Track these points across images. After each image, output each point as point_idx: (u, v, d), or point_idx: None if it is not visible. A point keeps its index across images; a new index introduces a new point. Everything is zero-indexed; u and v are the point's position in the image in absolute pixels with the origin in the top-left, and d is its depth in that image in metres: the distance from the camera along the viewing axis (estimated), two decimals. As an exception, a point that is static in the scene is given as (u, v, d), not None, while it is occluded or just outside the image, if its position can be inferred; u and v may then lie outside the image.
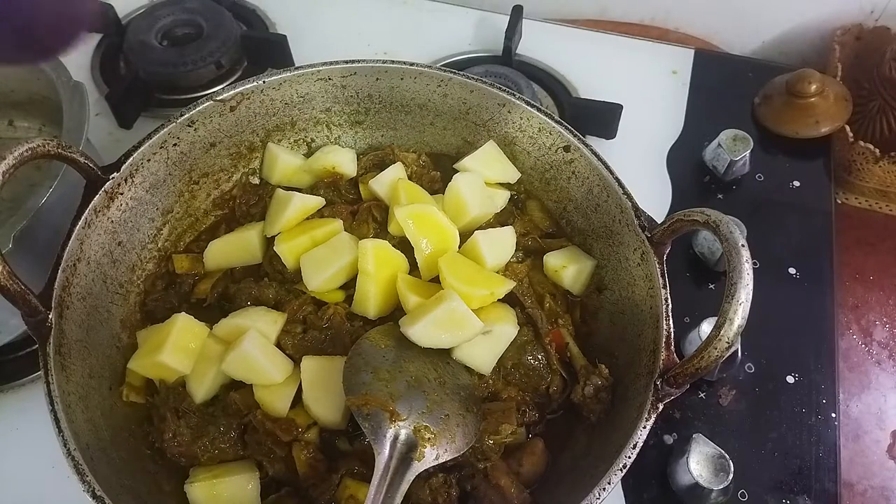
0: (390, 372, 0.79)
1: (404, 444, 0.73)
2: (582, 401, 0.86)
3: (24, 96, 1.11)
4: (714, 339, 0.65)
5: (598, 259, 0.97)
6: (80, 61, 1.32)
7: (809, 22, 1.35)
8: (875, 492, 0.94)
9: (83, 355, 0.81)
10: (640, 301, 0.86)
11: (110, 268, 0.89)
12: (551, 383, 0.88)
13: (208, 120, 0.97)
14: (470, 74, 1.01)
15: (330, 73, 1.01)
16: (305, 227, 0.95)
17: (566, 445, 0.86)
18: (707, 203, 1.13)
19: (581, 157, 0.94)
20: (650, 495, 0.88)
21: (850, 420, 0.99)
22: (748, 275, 0.65)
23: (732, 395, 0.95)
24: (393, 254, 0.90)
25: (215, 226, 1.03)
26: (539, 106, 0.97)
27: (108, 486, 0.69)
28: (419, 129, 1.08)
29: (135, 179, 0.90)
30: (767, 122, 1.23)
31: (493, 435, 0.82)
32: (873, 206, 1.21)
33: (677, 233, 0.80)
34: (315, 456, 0.81)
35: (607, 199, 0.91)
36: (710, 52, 1.39)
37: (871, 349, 1.06)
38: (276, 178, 1.04)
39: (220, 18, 1.31)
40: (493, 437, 0.82)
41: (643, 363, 0.80)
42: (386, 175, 0.99)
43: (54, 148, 0.75)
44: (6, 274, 0.69)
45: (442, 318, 0.81)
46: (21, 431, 0.94)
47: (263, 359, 0.83)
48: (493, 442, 0.82)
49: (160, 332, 0.86)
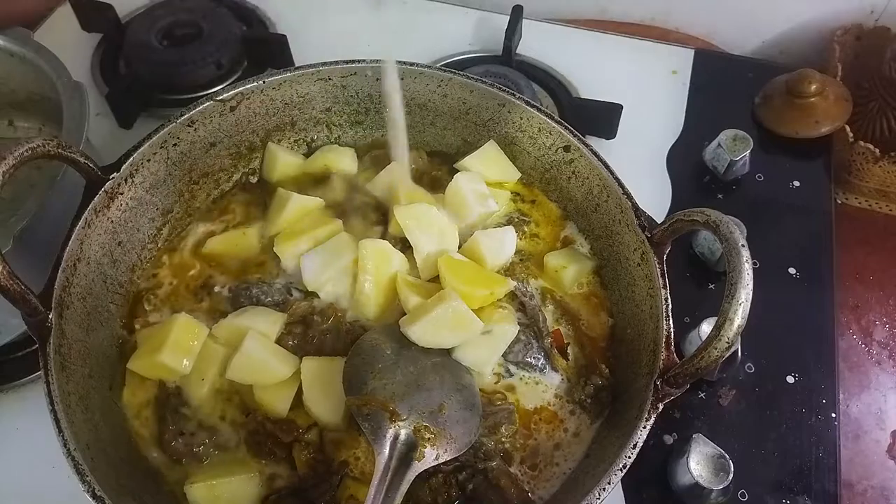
0: (390, 372, 0.79)
1: (404, 444, 0.73)
2: (582, 401, 0.86)
3: (24, 96, 1.11)
4: (714, 339, 0.65)
5: (598, 259, 0.97)
6: (80, 61, 1.33)
7: (809, 22, 1.35)
8: (875, 492, 0.94)
9: (83, 355, 0.80)
10: (640, 301, 0.86)
11: (110, 268, 0.89)
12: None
13: (208, 120, 0.97)
14: (470, 74, 1.01)
15: (330, 73, 1.01)
16: (305, 227, 0.95)
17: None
18: (707, 203, 1.13)
19: (581, 157, 0.94)
20: (650, 495, 0.88)
21: (850, 420, 0.99)
22: (748, 275, 0.65)
23: (732, 395, 0.95)
24: (393, 254, 0.90)
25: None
26: (539, 106, 0.97)
27: (108, 486, 0.69)
28: (419, 129, 1.08)
29: (135, 179, 0.90)
30: (767, 122, 1.23)
31: (493, 435, 0.82)
32: (873, 206, 1.21)
33: (677, 233, 0.80)
34: (315, 456, 0.81)
35: (607, 199, 0.91)
36: (710, 52, 1.39)
37: (871, 349, 1.06)
38: (276, 178, 1.04)
39: (220, 18, 1.31)
40: (494, 438, 0.82)
41: (643, 363, 0.80)
42: (383, 176, 0.99)
43: (54, 148, 0.75)
44: (6, 274, 0.69)
45: (442, 318, 0.81)
46: (21, 431, 0.94)
47: (268, 357, 0.83)
48: (494, 442, 0.82)
49: (160, 332, 0.86)
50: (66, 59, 0.98)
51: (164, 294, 0.95)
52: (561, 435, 0.85)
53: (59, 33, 1.38)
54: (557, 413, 0.87)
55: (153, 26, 1.30)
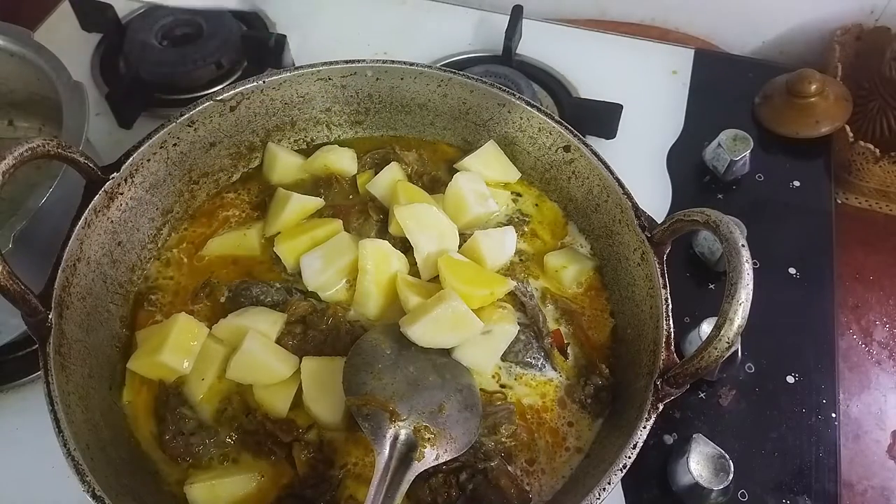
0: (390, 372, 0.79)
1: (404, 444, 0.73)
2: (582, 401, 0.86)
3: (24, 96, 1.11)
4: (714, 339, 0.65)
5: (598, 259, 0.97)
6: (80, 61, 1.33)
7: (809, 22, 1.35)
8: (875, 492, 0.94)
9: (83, 355, 0.80)
10: (640, 301, 0.86)
11: (110, 268, 0.89)
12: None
13: (208, 120, 0.97)
14: (470, 74, 1.01)
15: (330, 73, 1.01)
16: (305, 227, 0.96)
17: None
18: (707, 203, 1.13)
19: (581, 157, 0.94)
20: (650, 495, 0.88)
21: (850, 420, 0.99)
22: (748, 275, 0.65)
23: (732, 395, 0.95)
24: (393, 254, 0.90)
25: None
26: (539, 106, 0.97)
27: (108, 486, 0.69)
28: (419, 129, 1.08)
29: (135, 179, 0.90)
30: (767, 122, 1.23)
31: (493, 435, 0.82)
32: (873, 206, 1.21)
33: (677, 233, 0.80)
34: (315, 456, 0.81)
35: (607, 199, 0.91)
36: (710, 52, 1.39)
37: (871, 349, 1.06)
38: (276, 178, 1.04)
39: (220, 18, 1.31)
40: (494, 438, 0.82)
41: (643, 363, 0.80)
42: (383, 176, 0.99)
43: (54, 148, 0.75)
44: (6, 274, 0.69)
45: (442, 318, 0.81)
46: (21, 431, 0.94)
47: (268, 357, 0.84)
48: (494, 442, 0.82)
49: (160, 332, 0.86)
50: (66, 59, 0.98)
51: (164, 294, 0.95)
52: (561, 435, 0.85)
53: (59, 33, 1.38)
54: (557, 413, 0.87)
55: (153, 26, 1.30)
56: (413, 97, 1.04)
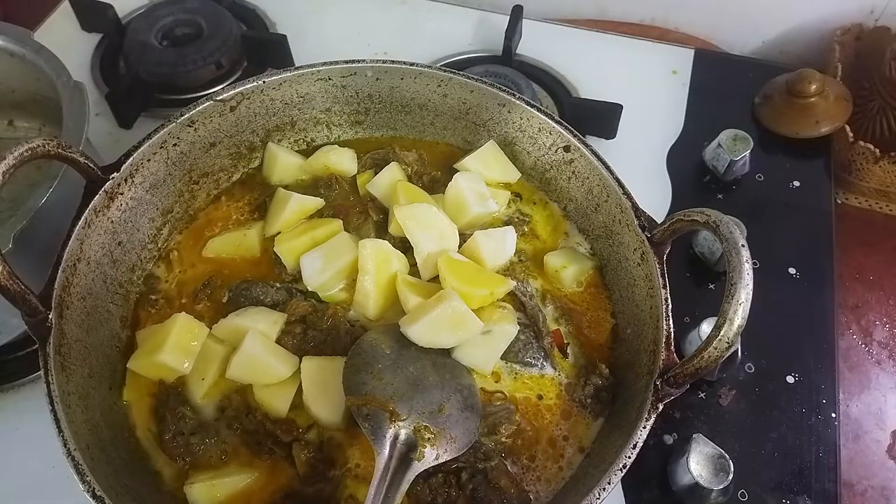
0: (390, 372, 0.79)
1: (404, 444, 0.73)
2: (582, 400, 0.86)
3: (24, 96, 1.11)
4: (714, 339, 0.65)
5: (598, 259, 0.97)
6: (80, 61, 1.33)
7: (809, 22, 1.35)
8: (875, 492, 0.94)
9: (83, 355, 0.81)
10: (640, 301, 0.86)
11: (110, 268, 0.89)
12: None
13: (208, 120, 0.97)
14: (470, 74, 1.01)
15: (330, 73, 1.01)
16: (305, 227, 0.96)
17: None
18: (707, 203, 1.13)
19: (581, 157, 0.94)
20: (650, 495, 0.88)
21: (850, 420, 0.99)
22: (748, 275, 0.65)
23: (732, 395, 0.95)
24: (393, 254, 0.90)
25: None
26: (539, 106, 0.97)
27: (108, 486, 0.69)
28: (419, 129, 1.08)
29: (135, 179, 0.90)
30: (767, 122, 1.23)
31: (493, 435, 0.82)
32: (873, 206, 1.21)
33: (677, 233, 0.80)
34: (315, 456, 0.81)
35: (607, 199, 0.91)
36: (710, 52, 1.39)
37: (871, 349, 1.06)
38: (276, 178, 1.04)
39: (220, 18, 1.31)
40: (494, 438, 0.82)
41: (643, 363, 0.80)
42: (383, 177, 0.99)
43: (54, 148, 0.75)
44: (6, 274, 0.69)
45: (442, 318, 0.81)
46: (21, 431, 0.94)
47: (268, 356, 0.84)
48: (494, 442, 0.82)
49: (160, 332, 0.86)
50: (66, 59, 0.98)
51: (165, 294, 0.95)
52: (561, 435, 0.85)
53: (59, 33, 1.38)
54: (557, 413, 0.87)
55: (153, 26, 1.30)
56: (413, 97, 1.04)
